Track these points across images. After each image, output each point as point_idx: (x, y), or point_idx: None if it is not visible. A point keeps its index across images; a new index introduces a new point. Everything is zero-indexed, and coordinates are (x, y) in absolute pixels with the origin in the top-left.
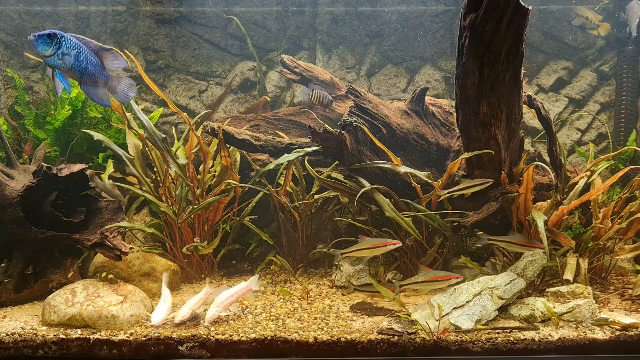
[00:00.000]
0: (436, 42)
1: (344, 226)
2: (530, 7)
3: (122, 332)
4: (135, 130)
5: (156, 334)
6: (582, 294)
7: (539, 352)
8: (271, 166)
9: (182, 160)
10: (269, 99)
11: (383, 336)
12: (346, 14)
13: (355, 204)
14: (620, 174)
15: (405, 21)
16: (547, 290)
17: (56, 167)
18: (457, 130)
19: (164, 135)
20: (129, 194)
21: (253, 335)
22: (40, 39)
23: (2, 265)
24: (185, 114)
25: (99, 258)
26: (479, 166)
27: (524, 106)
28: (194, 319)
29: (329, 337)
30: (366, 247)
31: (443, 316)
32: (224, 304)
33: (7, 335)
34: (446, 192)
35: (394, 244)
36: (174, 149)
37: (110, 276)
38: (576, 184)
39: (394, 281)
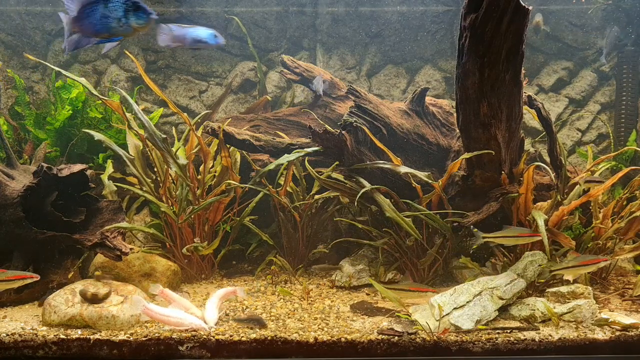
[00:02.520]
0: (436, 42)
1: (344, 226)
2: (530, 7)
3: (122, 332)
4: (135, 130)
5: (156, 334)
6: (582, 294)
7: (539, 352)
8: (271, 166)
9: (182, 160)
10: (269, 99)
11: (383, 336)
12: (346, 14)
13: (355, 204)
14: (620, 174)
15: (405, 21)
16: (547, 290)
17: (56, 167)
18: (457, 130)
19: (164, 135)
20: (129, 194)
21: (253, 335)
22: None
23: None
24: (185, 114)
25: (99, 258)
26: (479, 166)
27: (524, 106)
28: None
29: (329, 337)
30: (511, 234)
31: (443, 316)
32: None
33: (7, 335)
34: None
35: (537, 236)
36: (174, 149)
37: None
38: (576, 184)
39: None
